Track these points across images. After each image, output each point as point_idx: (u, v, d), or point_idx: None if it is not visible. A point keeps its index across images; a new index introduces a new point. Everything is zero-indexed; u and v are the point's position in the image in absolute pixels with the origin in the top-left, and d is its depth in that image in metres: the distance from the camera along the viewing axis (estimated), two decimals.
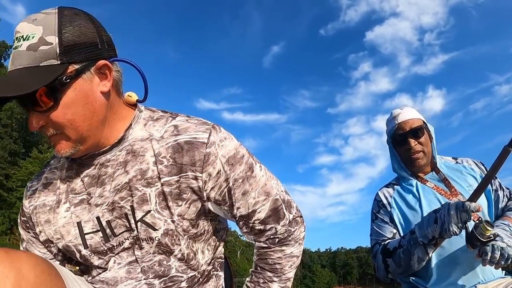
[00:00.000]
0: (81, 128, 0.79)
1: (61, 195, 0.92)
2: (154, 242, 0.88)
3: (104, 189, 0.88)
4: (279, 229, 0.97)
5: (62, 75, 0.74)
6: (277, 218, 0.96)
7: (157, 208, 0.86)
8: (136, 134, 0.89)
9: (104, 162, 0.88)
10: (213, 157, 0.86)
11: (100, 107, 0.82)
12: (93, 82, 0.80)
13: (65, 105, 0.76)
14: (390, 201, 1.69)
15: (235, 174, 0.89)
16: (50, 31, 0.74)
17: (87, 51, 0.78)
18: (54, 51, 0.73)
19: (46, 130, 0.79)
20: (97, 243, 0.89)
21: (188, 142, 0.86)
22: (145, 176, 0.86)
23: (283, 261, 1.01)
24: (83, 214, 0.89)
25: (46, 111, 0.76)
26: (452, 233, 1.28)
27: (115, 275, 0.91)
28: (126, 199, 0.87)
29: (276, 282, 1.02)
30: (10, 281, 0.60)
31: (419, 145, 1.63)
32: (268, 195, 0.94)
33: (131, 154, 0.87)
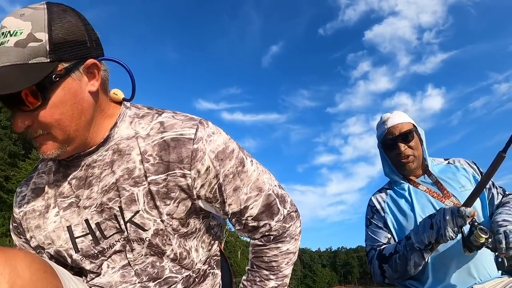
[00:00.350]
0: (69, 129, 0.77)
1: (50, 200, 0.90)
2: (145, 243, 0.87)
3: (91, 191, 0.86)
4: (273, 225, 0.95)
5: (52, 74, 0.72)
6: (270, 214, 0.94)
7: (146, 208, 0.84)
8: (122, 133, 0.87)
9: (90, 163, 0.86)
10: (201, 153, 0.83)
11: (88, 107, 0.80)
12: (82, 81, 0.78)
13: (53, 105, 0.73)
14: (384, 206, 1.69)
15: (225, 169, 0.86)
16: (40, 27, 0.70)
17: (76, 49, 0.75)
18: (44, 48, 0.70)
19: (32, 131, 0.76)
20: (88, 246, 0.87)
21: (174, 139, 0.83)
22: (132, 175, 0.84)
23: (279, 259, 0.99)
24: (72, 217, 0.87)
25: (33, 111, 0.73)
26: (448, 238, 1.30)
27: (109, 279, 0.90)
28: (114, 200, 0.85)
29: (273, 280, 1.00)
30: (5, 278, 0.60)
31: (409, 149, 1.63)
32: (260, 190, 0.92)
33: (117, 154, 0.85)
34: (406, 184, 1.67)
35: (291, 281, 52.56)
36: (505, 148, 1.34)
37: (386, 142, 1.69)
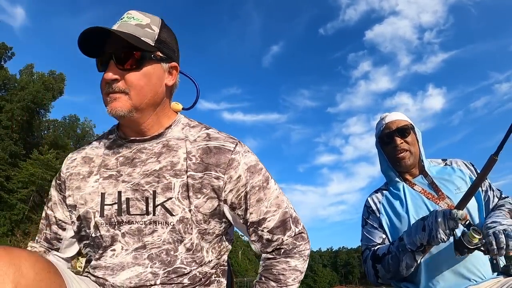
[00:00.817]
0: (143, 98, 0.95)
1: (94, 168, 1.04)
2: (169, 227, 0.95)
3: (134, 170, 0.99)
4: (285, 240, 1.04)
5: (152, 53, 0.95)
6: (284, 229, 1.04)
7: (179, 196, 0.95)
8: (174, 134, 1.03)
9: (140, 149, 1.01)
10: (236, 163, 0.98)
11: (160, 93, 1.00)
12: (164, 73, 1.00)
13: (143, 73, 0.94)
14: (379, 207, 1.72)
15: (253, 181, 1.00)
16: (155, 24, 0.98)
17: (169, 51, 1.01)
18: (153, 36, 0.95)
19: (114, 84, 0.92)
20: (111, 214, 0.97)
21: (217, 147, 0.99)
22: (175, 168, 0.97)
23: (287, 273, 1.03)
24: (108, 187, 0.99)
25: (127, 70, 0.92)
26: (440, 240, 1.31)
27: (122, 260, 0.96)
28: (151, 184, 0.96)
29: None
30: (9, 278, 0.61)
31: (405, 144, 1.66)
32: (278, 207, 1.04)
33: (166, 148, 1.00)
34: (402, 183, 1.69)
35: None
36: (497, 151, 1.36)
37: (383, 137, 1.73)
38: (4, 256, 0.63)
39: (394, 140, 1.67)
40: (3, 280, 0.61)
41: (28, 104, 35.94)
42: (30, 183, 32.26)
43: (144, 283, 0.93)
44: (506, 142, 1.34)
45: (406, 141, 1.66)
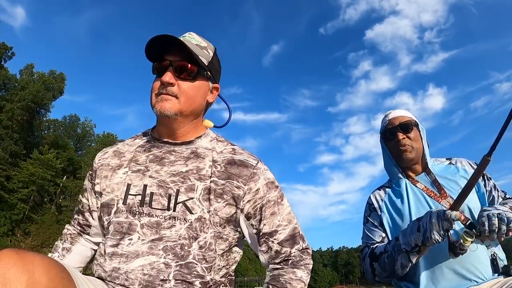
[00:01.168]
0: (190, 105, 1.07)
1: (124, 161, 1.13)
2: (187, 223, 1.00)
3: (161, 169, 1.07)
4: (293, 253, 1.10)
5: (205, 71, 1.10)
6: (293, 243, 1.10)
7: (200, 198, 1.02)
8: (202, 144, 1.14)
9: (170, 151, 1.11)
10: (256, 177, 1.08)
11: (202, 106, 1.14)
12: (208, 90, 1.15)
13: (195, 84, 1.08)
14: (381, 204, 1.71)
15: (270, 196, 1.09)
16: (211, 49, 1.15)
17: (216, 74, 1.17)
18: (208, 58, 1.11)
19: (170, 87, 1.05)
20: (133, 204, 1.03)
21: (241, 160, 1.09)
22: (200, 172, 1.06)
23: (293, 282, 1.06)
24: (135, 179, 1.07)
25: (183, 79, 1.06)
26: (434, 241, 1.31)
27: (137, 249, 0.99)
28: (175, 183, 1.04)
29: None
30: (22, 285, 0.60)
31: (408, 139, 1.66)
32: (289, 222, 1.12)
33: (193, 154, 1.10)
34: (404, 180, 1.68)
35: None
36: (490, 151, 1.35)
37: (386, 133, 1.74)
38: (17, 261, 0.62)
39: (396, 135, 1.67)
40: (16, 287, 0.60)
41: (28, 104, 35.99)
42: (30, 183, 32.28)
43: (157, 273, 0.95)
44: (498, 143, 1.33)
45: (408, 136, 1.66)
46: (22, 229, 30.56)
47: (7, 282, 0.60)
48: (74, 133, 57.88)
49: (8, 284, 0.60)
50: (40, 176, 32.25)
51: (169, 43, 1.05)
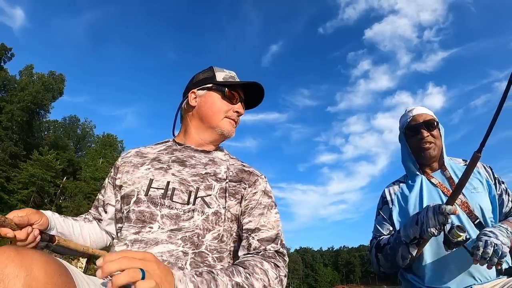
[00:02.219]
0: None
1: (146, 160, 1.24)
2: (204, 215, 1.10)
3: (183, 169, 1.19)
4: (268, 248, 1.11)
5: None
6: (271, 242, 1.13)
7: (216, 195, 1.14)
8: (218, 155, 1.29)
9: (191, 156, 1.24)
10: (258, 183, 1.23)
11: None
12: None
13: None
14: (393, 198, 1.76)
15: (263, 200, 1.20)
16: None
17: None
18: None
19: (240, 117, 1.34)
20: (155, 196, 1.12)
21: (249, 170, 1.26)
22: (217, 176, 1.19)
23: (257, 269, 1.01)
24: (158, 176, 1.17)
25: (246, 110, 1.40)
26: (430, 234, 1.36)
27: (156, 236, 1.06)
28: (195, 182, 1.15)
29: (241, 275, 0.97)
30: (20, 281, 0.61)
31: (431, 137, 1.69)
32: (274, 228, 1.16)
33: (211, 161, 1.24)
34: (420, 176, 1.71)
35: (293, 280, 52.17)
36: (480, 148, 1.36)
37: (409, 128, 1.76)
38: (16, 258, 0.63)
39: (420, 132, 1.70)
40: (14, 283, 0.60)
41: (28, 105, 35.97)
42: (30, 184, 32.29)
43: (175, 260, 1.02)
44: (487, 139, 1.34)
45: (432, 134, 1.70)
46: None
47: (5, 278, 0.61)
48: (74, 134, 57.93)
49: (7, 279, 0.61)
50: (40, 177, 32.25)
51: (250, 86, 1.33)
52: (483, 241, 1.32)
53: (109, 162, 42.85)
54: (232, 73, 1.37)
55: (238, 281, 0.94)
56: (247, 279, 0.97)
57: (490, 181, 1.65)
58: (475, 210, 1.54)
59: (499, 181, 1.66)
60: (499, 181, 1.66)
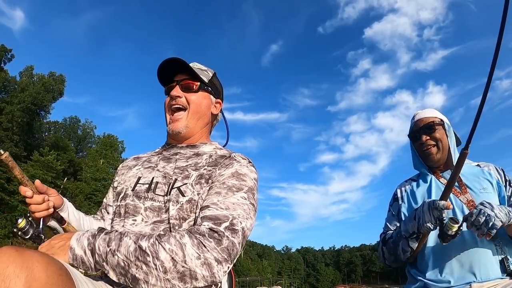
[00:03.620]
0: (196, 116, 1.31)
1: (139, 162, 1.33)
2: (178, 205, 1.10)
3: (168, 165, 1.24)
4: (203, 224, 1.00)
5: (206, 86, 1.35)
6: (211, 221, 1.00)
7: (192, 182, 1.14)
8: (205, 149, 1.30)
9: (177, 153, 1.28)
10: (231, 166, 1.17)
11: (206, 117, 1.36)
12: (212, 103, 1.38)
13: (199, 95, 1.32)
14: (403, 195, 1.81)
15: (229, 181, 1.12)
16: (210, 72, 1.39)
17: (216, 91, 1.40)
18: (208, 77, 1.36)
19: (178, 99, 1.29)
20: (140, 190, 1.18)
21: (231, 155, 1.22)
22: (197, 165, 1.20)
23: (171, 240, 0.93)
24: (145, 173, 1.24)
25: (189, 92, 1.30)
26: (426, 228, 1.42)
27: (141, 229, 1.10)
28: (176, 174, 1.18)
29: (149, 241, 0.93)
30: (21, 281, 0.61)
31: (431, 140, 1.72)
32: (226, 209, 1.04)
33: (195, 154, 1.26)
34: (430, 176, 1.74)
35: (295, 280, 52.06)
36: (466, 145, 1.38)
37: (412, 134, 1.81)
38: (17, 258, 0.63)
39: (420, 137, 1.74)
40: (15, 283, 0.61)
41: (28, 106, 35.95)
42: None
43: None
44: (473, 135, 1.37)
45: (433, 137, 1.71)
46: None
47: (6, 279, 0.62)
48: (74, 135, 57.99)
49: (7, 280, 0.62)
50: (41, 178, 32.15)
51: (175, 67, 1.31)
52: (477, 209, 1.37)
53: (109, 163, 42.94)
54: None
55: (142, 245, 0.91)
56: (153, 246, 0.91)
57: (501, 182, 1.65)
58: None
59: (511, 183, 1.65)
60: (510, 183, 1.65)
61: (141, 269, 0.89)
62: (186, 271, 0.90)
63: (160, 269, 0.89)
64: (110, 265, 0.91)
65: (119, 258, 0.90)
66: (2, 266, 0.63)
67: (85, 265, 0.92)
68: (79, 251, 0.92)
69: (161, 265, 0.89)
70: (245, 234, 1.02)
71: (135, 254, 0.90)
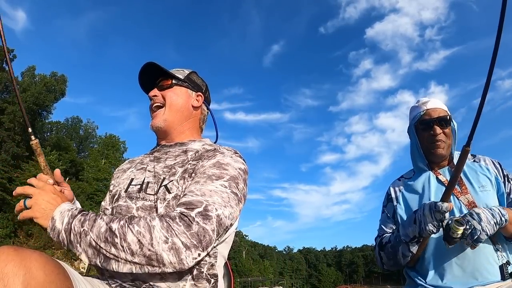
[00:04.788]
0: (174, 109, 1.34)
1: (133, 165, 1.36)
2: (165, 202, 1.11)
3: (158, 165, 1.26)
4: (176, 210, 1.01)
5: (181, 81, 1.40)
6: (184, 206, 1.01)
7: (178, 178, 1.15)
8: (193, 146, 1.30)
9: (166, 152, 1.31)
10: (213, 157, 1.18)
11: (186, 110, 1.38)
12: (190, 96, 1.41)
13: (174, 91, 1.36)
14: (398, 195, 1.73)
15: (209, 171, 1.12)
16: (187, 70, 1.46)
17: (195, 86, 1.44)
18: (184, 74, 1.42)
19: (155, 98, 1.35)
20: (133, 191, 1.20)
21: (217, 148, 1.24)
22: (183, 162, 1.22)
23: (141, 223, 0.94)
24: (137, 175, 1.26)
25: (164, 89, 1.36)
26: (428, 232, 1.38)
27: None
28: (165, 173, 1.20)
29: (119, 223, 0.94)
30: (19, 279, 0.62)
31: (443, 135, 1.62)
32: (202, 195, 1.03)
33: (183, 152, 1.28)
34: (428, 172, 1.67)
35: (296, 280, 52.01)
36: (468, 142, 1.36)
37: (422, 122, 1.66)
38: (15, 257, 0.64)
39: (434, 128, 1.62)
40: (13, 281, 0.62)
41: (30, 106, 36.00)
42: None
43: None
44: (474, 132, 1.36)
45: (445, 132, 1.62)
46: (24, 231, 30.56)
47: (5, 277, 0.63)
48: (76, 135, 58.11)
49: (6, 278, 0.63)
50: None
51: (154, 74, 1.39)
52: (467, 219, 1.35)
53: (111, 163, 43.01)
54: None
55: (113, 227, 0.93)
56: (122, 228, 0.93)
57: (500, 178, 1.59)
58: None
59: (509, 178, 1.59)
60: (508, 178, 1.59)
61: (110, 251, 0.90)
62: (152, 255, 0.89)
63: (128, 251, 0.90)
64: (83, 246, 0.92)
65: (91, 238, 0.91)
66: (1, 264, 0.64)
67: (58, 239, 0.95)
68: (58, 224, 0.95)
69: (127, 247, 0.90)
70: (222, 222, 1.00)
71: (105, 235, 0.91)
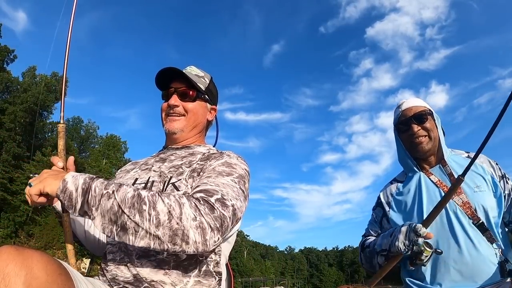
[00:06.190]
0: (194, 120, 1.37)
1: (137, 166, 1.38)
2: None
3: (163, 165, 1.28)
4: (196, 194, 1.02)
5: (203, 94, 1.39)
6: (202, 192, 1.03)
7: (186, 178, 1.18)
8: (199, 150, 1.35)
9: (173, 153, 1.33)
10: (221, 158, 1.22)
11: (202, 123, 1.43)
12: (207, 110, 1.44)
13: (196, 104, 1.37)
14: (390, 200, 1.71)
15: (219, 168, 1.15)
16: (207, 78, 1.45)
17: (212, 98, 1.46)
18: (205, 85, 1.41)
19: (176, 108, 1.34)
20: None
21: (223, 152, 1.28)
22: (191, 164, 1.24)
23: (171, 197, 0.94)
24: (142, 175, 1.28)
25: (186, 99, 1.35)
26: (397, 248, 1.38)
27: None
28: (170, 172, 1.23)
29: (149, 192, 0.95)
30: (21, 279, 0.62)
31: (423, 130, 1.61)
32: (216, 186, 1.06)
33: (190, 154, 1.31)
34: (419, 173, 1.63)
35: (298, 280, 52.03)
36: (464, 172, 1.37)
37: (400, 123, 1.68)
38: (17, 257, 0.64)
39: (411, 127, 1.62)
40: (15, 281, 0.62)
41: (31, 106, 35.94)
42: None
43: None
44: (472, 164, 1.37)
45: (424, 127, 1.61)
46: (25, 231, 30.57)
47: (6, 277, 0.63)
48: (77, 135, 58.11)
49: (7, 278, 0.62)
50: None
51: (173, 74, 1.34)
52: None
53: (112, 163, 42.93)
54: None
55: (143, 194, 0.93)
56: (152, 197, 0.93)
57: (496, 178, 1.55)
58: (478, 211, 1.45)
59: (506, 178, 1.53)
60: (506, 178, 1.53)
61: (134, 218, 0.87)
62: (179, 230, 0.87)
63: (154, 221, 0.88)
64: (101, 210, 0.89)
65: (114, 202, 0.89)
66: (2, 264, 0.64)
67: (70, 202, 0.91)
68: (71, 186, 0.91)
69: (156, 216, 0.88)
70: (236, 212, 1.02)
71: (132, 200, 0.89)
